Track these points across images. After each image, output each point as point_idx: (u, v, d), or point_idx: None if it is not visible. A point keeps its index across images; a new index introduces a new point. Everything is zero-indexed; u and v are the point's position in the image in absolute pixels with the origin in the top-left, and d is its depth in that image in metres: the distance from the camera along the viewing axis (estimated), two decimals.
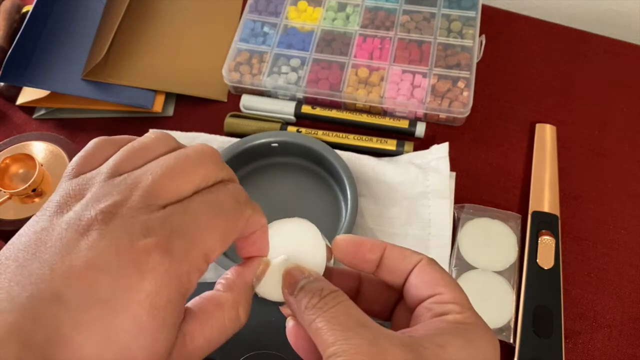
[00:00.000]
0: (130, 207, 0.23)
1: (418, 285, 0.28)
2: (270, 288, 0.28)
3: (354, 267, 0.30)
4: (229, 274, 0.28)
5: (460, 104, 0.60)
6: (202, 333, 0.25)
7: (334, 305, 0.25)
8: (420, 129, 0.61)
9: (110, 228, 0.22)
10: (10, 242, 0.23)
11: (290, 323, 0.28)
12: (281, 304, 0.29)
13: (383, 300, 0.29)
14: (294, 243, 0.29)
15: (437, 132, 0.63)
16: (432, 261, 0.29)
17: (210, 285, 0.28)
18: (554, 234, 0.54)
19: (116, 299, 0.21)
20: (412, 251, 0.29)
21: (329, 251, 0.29)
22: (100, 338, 0.21)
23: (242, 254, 0.29)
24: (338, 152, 0.57)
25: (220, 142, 0.60)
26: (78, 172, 0.25)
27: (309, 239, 0.29)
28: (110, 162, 0.25)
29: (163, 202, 0.24)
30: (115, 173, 0.24)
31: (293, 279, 0.27)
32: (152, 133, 0.27)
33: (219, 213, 0.25)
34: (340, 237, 0.29)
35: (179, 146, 0.27)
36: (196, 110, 0.65)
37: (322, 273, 0.29)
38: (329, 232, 0.53)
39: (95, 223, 0.22)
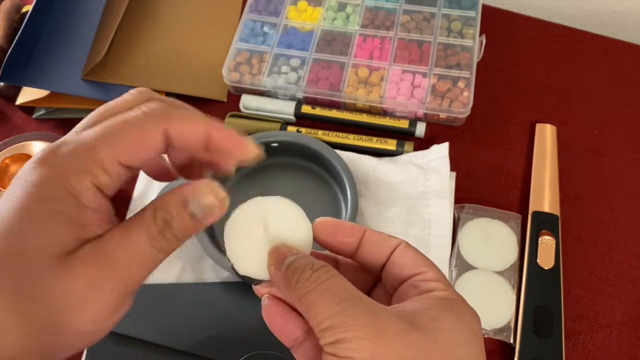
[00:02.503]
0: (53, 142, 0.26)
1: (401, 265, 0.29)
2: (252, 264, 0.28)
3: (332, 249, 0.30)
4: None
5: (460, 104, 0.60)
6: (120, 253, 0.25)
7: (327, 278, 0.25)
8: (420, 129, 0.61)
9: (32, 157, 0.25)
10: None
11: (266, 301, 0.29)
12: (258, 283, 0.28)
13: (360, 285, 0.29)
14: (281, 221, 0.28)
15: (437, 132, 0.63)
16: (411, 245, 0.30)
17: (211, 286, 0.28)
18: (554, 234, 0.54)
19: (14, 195, 0.24)
20: (391, 235, 0.30)
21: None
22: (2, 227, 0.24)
23: (182, 173, 0.30)
24: (338, 152, 0.57)
25: None
26: None
27: (296, 218, 0.29)
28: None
29: (83, 129, 0.26)
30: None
31: (281, 255, 0.27)
32: (131, 90, 0.28)
33: (116, 122, 0.25)
34: (321, 219, 0.29)
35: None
36: None
37: (309, 252, 0.29)
38: None
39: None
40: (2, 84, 0.64)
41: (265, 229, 0.28)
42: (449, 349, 0.25)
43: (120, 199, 0.58)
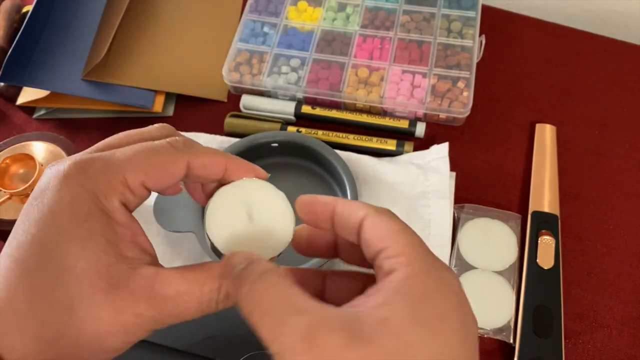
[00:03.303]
0: (75, 156, 0.26)
1: (367, 242, 0.26)
2: (233, 247, 0.28)
3: (313, 225, 0.28)
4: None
5: (460, 104, 0.60)
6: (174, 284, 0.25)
7: (264, 290, 0.23)
8: (420, 129, 0.61)
9: (52, 169, 0.26)
10: None
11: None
12: None
13: (367, 265, 0.27)
14: (266, 207, 0.29)
15: (437, 132, 0.63)
16: (381, 213, 0.26)
17: None
18: (554, 234, 0.54)
19: (43, 212, 0.24)
20: (361, 204, 0.27)
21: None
22: (37, 246, 0.24)
23: (195, 197, 0.30)
24: (338, 152, 0.57)
25: (220, 142, 0.60)
26: None
27: (279, 203, 0.29)
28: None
29: (103, 149, 0.27)
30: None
31: (230, 267, 0.26)
32: (153, 125, 0.29)
33: (144, 148, 0.26)
34: (300, 197, 0.28)
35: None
36: (196, 110, 0.65)
37: (291, 236, 0.29)
38: None
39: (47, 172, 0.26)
40: (2, 84, 0.64)
41: (248, 212, 0.28)
42: (400, 358, 0.21)
43: None
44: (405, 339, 0.21)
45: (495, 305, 0.51)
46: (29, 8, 0.68)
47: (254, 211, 0.28)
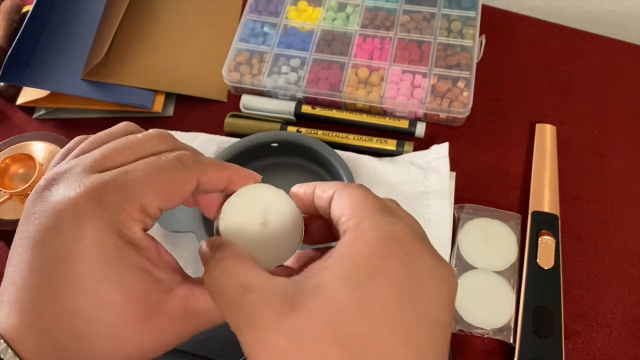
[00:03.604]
0: (73, 172, 0.25)
1: (333, 213, 0.26)
2: (261, 256, 0.28)
3: (305, 212, 0.29)
4: None
5: (460, 104, 0.60)
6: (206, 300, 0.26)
7: (220, 275, 0.24)
8: (420, 129, 0.61)
9: (52, 192, 0.25)
10: None
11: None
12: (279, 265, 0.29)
13: None
14: (279, 214, 0.29)
15: (437, 132, 0.63)
16: (348, 186, 0.26)
17: None
18: (554, 234, 0.54)
19: (67, 252, 0.23)
20: (334, 183, 0.27)
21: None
22: (70, 287, 0.23)
23: (207, 213, 0.30)
24: (338, 152, 0.57)
25: (220, 142, 0.60)
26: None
27: (291, 210, 0.29)
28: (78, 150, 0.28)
29: (105, 168, 0.25)
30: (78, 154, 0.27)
31: (202, 255, 0.28)
32: (150, 132, 0.28)
33: (156, 169, 0.26)
34: (293, 187, 0.30)
35: (175, 146, 0.28)
36: (196, 110, 0.65)
37: (300, 243, 0.29)
38: None
39: (42, 191, 0.25)
40: (2, 84, 0.64)
41: (262, 218, 0.29)
42: (329, 323, 0.21)
43: None
44: (335, 303, 0.21)
45: (495, 305, 0.51)
46: (29, 8, 0.68)
47: (267, 217, 0.29)
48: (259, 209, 0.29)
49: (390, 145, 0.60)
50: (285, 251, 0.28)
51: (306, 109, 0.63)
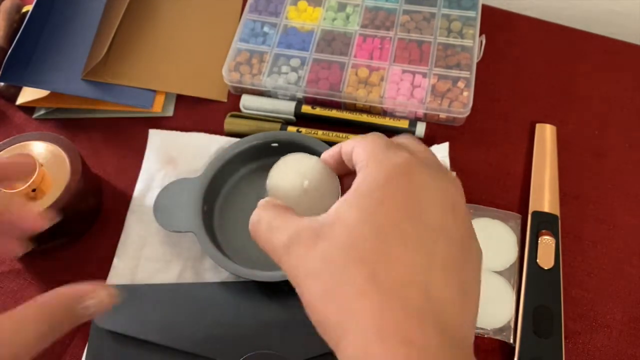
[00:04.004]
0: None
1: (354, 161, 0.30)
2: (304, 210, 0.32)
3: (338, 172, 0.34)
4: None
5: (460, 104, 0.60)
6: None
7: (262, 223, 0.30)
8: (420, 129, 0.61)
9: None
10: None
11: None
12: None
13: None
14: (314, 172, 0.34)
15: (437, 132, 0.63)
16: (365, 137, 0.30)
17: (211, 286, 0.29)
18: (554, 234, 0.54)
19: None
20: (352, 140, 0.31)
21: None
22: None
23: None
24: None
25: (220, 142, 0.60)
26: None
27: (323, 168, 0.34)
28: None
29: None
30: None
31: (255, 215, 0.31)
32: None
33: None
34: (322, 154, 0.34)
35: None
36: (196, 110, 0.65)
37: (338, 191, 0.34)
38: None
39: None
40: (2, 84, 0.64)
41: (303, 183, 0.33)
42: (347, 243, 0.26)
43: (121, 199, 0.58)
44: (351, 228, 0.26)
45: (495, 305, 0.51)
46: (29, 8, 0.68)
47: (307, 178, 0.33)
48: (300, 172, 0.33)
49: None
50: (325, 205, 0.31)
51: (306, 109, 0.63)
